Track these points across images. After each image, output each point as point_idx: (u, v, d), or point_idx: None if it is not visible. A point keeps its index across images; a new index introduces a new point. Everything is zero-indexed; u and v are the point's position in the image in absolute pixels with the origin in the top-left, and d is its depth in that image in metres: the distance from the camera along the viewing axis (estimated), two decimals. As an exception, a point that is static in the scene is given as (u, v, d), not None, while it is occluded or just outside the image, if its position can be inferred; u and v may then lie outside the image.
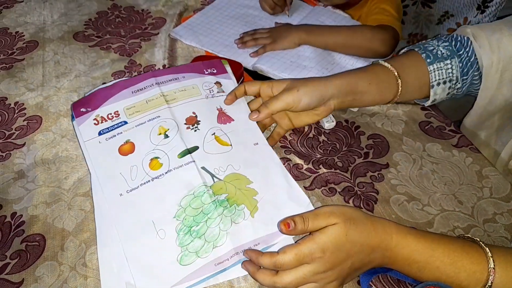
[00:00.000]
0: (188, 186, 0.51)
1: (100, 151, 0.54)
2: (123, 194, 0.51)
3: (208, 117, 0.58)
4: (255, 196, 0.52)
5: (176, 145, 0.54)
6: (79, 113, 0.56)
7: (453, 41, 0.63)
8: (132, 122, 0.56)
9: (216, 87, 0.61)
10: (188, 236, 0.48)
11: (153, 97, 0.58)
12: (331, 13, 0.86)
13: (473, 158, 0.61)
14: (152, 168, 0.53)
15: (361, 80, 0.59)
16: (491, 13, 1.00)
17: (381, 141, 0.63)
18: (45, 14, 0.92)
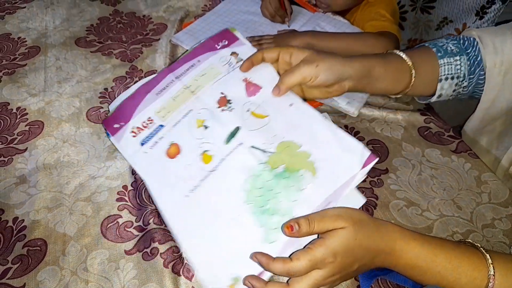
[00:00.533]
0: (245, 169, 0.50)
1: (149, 161, 0.52)
2: (189, 195, 0.49)
3: (237, 93, 0.56)
4: (309, 158, 0.51)
5: (219, 133, 0.53)
6: (114, 130, 0.54)
7: (461, 40, 0.63)
8: (169, 124, 0.54)
9: (234, 57, 0.59)
10: (264, 215, 0.47)
11: (178, 93, 0.56)
12: (331, 19, 0.87)
13: (472, 164, 0.61)
14: (205, 162, 0.51)
15: (378, 65, 0.58)
16: (489, 19, 1.01)
17: (381, 147, 0.64)
18: (47, 20, 0.93)
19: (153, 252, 0.51)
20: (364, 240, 0.42)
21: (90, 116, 0.69)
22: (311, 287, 0.41)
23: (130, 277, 0.49)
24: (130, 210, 0.56)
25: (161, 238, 0.52)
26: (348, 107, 0.69)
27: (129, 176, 0.60)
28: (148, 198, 0.57)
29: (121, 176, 0.60)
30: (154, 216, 0.54)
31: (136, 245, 0.52)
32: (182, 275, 0.49)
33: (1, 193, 0.58)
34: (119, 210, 0.56)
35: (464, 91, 0.63)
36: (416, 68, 0.60)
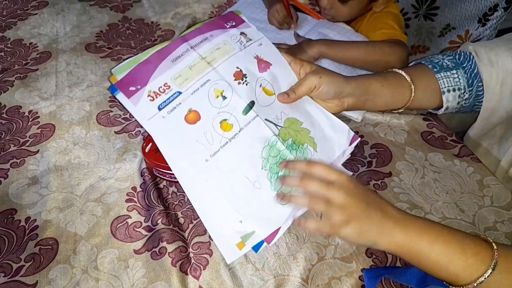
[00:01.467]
0: (262, 139, 0.54)
1: (167, 125, 0.52)
2: (208, 160, 0.51)
3: (251, 69, 0.58)
4: (310, 134, 0.57)
5: (237, 104, 0.55)
6: (130, 93, 0.52)
7: (456, 55, 0.66)
8: (187, 91, 0.54)
9: (243, 37, 0.60)
10: (278, 180, 0.53)
11: (194, 62, 0.56)
12: (335, 26, 0.89)
13: (474, 168, 0.62)
14: (225, 129, 0.53)
15: (374, 82, 0.62)
16: (492, 26, 1.02)
17: (384, 151, 0.65)
18: (58, 26, 0.95)
19: (161, 251, 0.52)
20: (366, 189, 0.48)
21: (100, 120, 0.71)
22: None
23: (139, 276, 0.50)
24: (139, 210, 0.57)
25: (169, 238, 0.53)
26: (352, 113, 0.70)
27: (138, 177, 0.61)
28: (156, 199, 0.58)
29: (130, 177, 0.61)
30: (162, 216, 0.56)
31: (145, 244, 0.53)
32: (190, 274, 0.50)
33: (14, 193, 0.60)
34: (129, 210, 0.57)
35: (466, 104, 0.65)
36: (415, 83, 0.63)
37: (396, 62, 0.76)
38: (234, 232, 0.50)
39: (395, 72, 0.64)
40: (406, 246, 0.45)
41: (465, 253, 0.44)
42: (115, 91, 0.52)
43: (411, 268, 0.49)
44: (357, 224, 0.45)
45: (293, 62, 0.60)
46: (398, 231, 0.45)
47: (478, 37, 1.06)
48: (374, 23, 0.87)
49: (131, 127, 0.70)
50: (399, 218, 0.46)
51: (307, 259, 0.51)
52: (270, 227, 0.50)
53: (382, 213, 0.46)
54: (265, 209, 0.51)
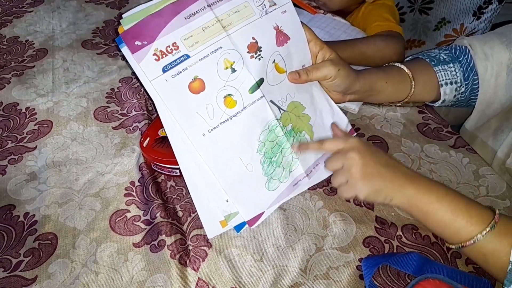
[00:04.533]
0: (263, 122, 0.53)
1: (170, 90, 0.49)
2: (206, 134, 0.50)
3: (268, 41, 0.55)
4: (310, 121, 0.58)
5: (245, 80, 0.52)
6: (135, 48, 0.48)
7: (452, 49, 0.67)
8: (195, 56, 0.50)
9: (267, 0, 0.56)
10: (270, 166, 0.54)
11: (208, 24, 0.52)
12: (331, 20, 0.89)
13: (470, 158, 0.63)
14: (228, 105, 0.51)
15: (380, 80, 0.63)
16: (486, 19, 1.03)
17: (381, 143, 0.65)
18: (54, 23, 0.95)
19: (160, 244, 0.53)
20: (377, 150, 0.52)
21: (98, 115, 0.71)
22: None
23: (138, 269, 0.50)
24: (137, 204, 0.57)
25: (168, 231, 0.54)
26: (349, 104, 0.70)
27: (136, 172, 0.61)
28: (155, 193, 0.59)
29: (128, 172, 0.62)
30: (161, 210, 0.56)
31: (144, 238, 0.54)
32: (189, 266, 0.51)
33: (13, 189, 0.60)
34: (127, 205, 0.57)
35: (462, 97, 0.66)
36: (416, 78, 0.64)
37: (392, 55, 0.77)
38: (220, 210, 0.52)
39: (397, 67, 0.65)
40: (417, 200, 0.48)
41: (470, 212, 0.46)
42: (121, 43, 0.48)
43: (409, 254, 0.50)
44: (373, 184, 0.49)
45: (314, 42, 0.58)
46: (410, 187, 0.48)
47: (473, 31, 1.06)
48: (369, 16, 0.88)
49: (128, 122, 0.70)
50: (410, 175, 0.49)
51: (305, 250, 0.52)
52: (253, 211, 0.53)
53: (394, 171, 0.49)
54: (252, 193, 0.53)
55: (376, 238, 0.53)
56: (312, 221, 0.55)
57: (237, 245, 0.52)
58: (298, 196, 0.57)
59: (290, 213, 0.56)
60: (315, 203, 0.57)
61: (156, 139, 0.61)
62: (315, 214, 0.56)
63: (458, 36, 1.09)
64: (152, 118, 0.71)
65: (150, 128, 0.63)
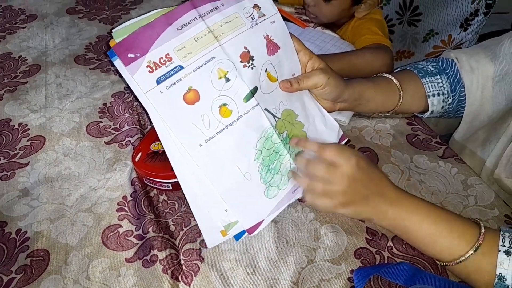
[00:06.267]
0: (259, 130, 0.53)
1: (164, 102, 0.49)
2: (202, 145, 0.50)
3: (259, 50, 0.55)
4: (303, 128, 0.58)
5: (240, 89, 0.53)
6: (128, 60, 0.48)
7: (439, 61, 0.69)
8: (189, 67, 0.50)
9: (256, 11, 0.57)
10: (269, 173, 0.54)
11: (200, 34, 0.52)
12: (321, 34, 0.91)
13: (458, 169, 0.64)
14: (223, 115, 0.51)
15: (368, 89, 0.64)
16: (473, 30, 1.05)
17: (371, 154, 0.66)
18: (47, 39, 0.96)
19: (153, 259, 0.53)
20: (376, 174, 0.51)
21: (90, 131, 0.72)
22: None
23: (131, 284, 0.50)
24: (130, 219, 0.58)
25: (160, 246, 0.54)
26: (339, 116, 0.71)
27: (128, 187, 0.62)
28: (147, 208, 0.59)
29: (121, 187, 0.62)
30: (153, 224, 0.56)
31: (136, 253, 0.54)
32: (181, 280, 0.51)
33: (4, 206, 0.60)
34: (119, 220, 0.58)
35: (449, 108, 0.67)
36: (404, 88, 0.66)
37: (381, 67, 0.78)
38: (219, 220, 0.52)
39: (386, 77, 0.67)
40: (397, 224, 0.50)
41: (452, 233, 0.48)
42: (113, 56, 0.48)
43: (400, 265, 0.50)
44: (354, 207, 0.50)
45: (303, 52, 0.59)
46: (391, 211, 0.50)
47: (461, 42, 1.08)
48: (358, 29, 0.90)
49: (121, 137, 0.70)
50: (394, 198, 0.50)
51: (297, 262, 0.52)
52: (253, 219, 0.53)
53: (379, 197, 0.50)
54: (252, 201, 0.53)
55: (367, 250, 0.53)
56: (303, 233, 0.55)
57: (229, 259, 0.53)
58: (289, 208, 0.58)
59: (282, 226, 0.56)
60: (306, 215, 0.57)
61: (148, 153, 0.61)
62: (306, 226, 0.56)
63: (447, 47, 1.11)
64: (144, 132, 0.71)
65: (142, 143, 0.63)
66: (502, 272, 0.45)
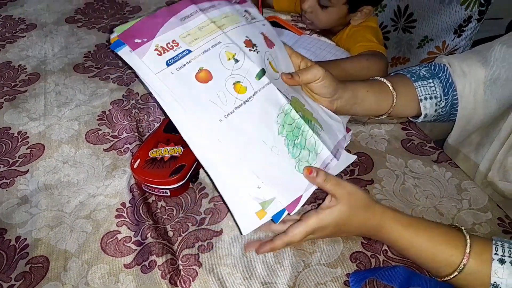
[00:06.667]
0: (277, 105, 0.52)
1: (177, 82, 0.48)
2: (223, 120, 0.49)
3: (259, 42, 0.56)
4: (313, 115, 0.57)
5: (250, 68, 0.52)
6: (135, 45, 0.48)
7: (432, 66, 0.70)
8: (196, 50, 0.50)
9: (248, 14, 0.59)
10: (296, 148, 0.52)
11: (203, 24, 0.53)
12: (317, 41, 0.92)
13: (452, 173, 0.64)
14: (239, 91, 0.51)
15: (361, 88, 0.65)
16: (467, 36, 1.06)
17: (366, 159, 0.67)
18: (46, 48, 0.97)
19: (151, 265, 0.53)
20: (356, 222, 0.51)
21: (89, 138, 0.73)
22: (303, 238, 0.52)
23: (129, 290, 0.51)
24: (128, 225, 0.58)
25: (158, 251, 0.54)
26: (335, 123, 0.72)
27: (127, 193, 0.62)
28: (145, 214, 0.59)
29: (120, 194, 0.63)
30: (152, 230, 0.57)
31: (135, 259, 0.54)
32: (179, 286, 0.51)
33: (4, 213, 0.60)
34: (118, 226, 0.58)
35: (443, 112, 0.68)
36: (396, 90, 0.66)
37: (375, 73, 0.79)
38: (252, 199, 0.48)
39: (378, 80, 0.68)
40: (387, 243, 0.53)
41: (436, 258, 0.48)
42: (118, 46, 0.48)
43: (395, 268, 0.51)
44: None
45: (295, 54, 0.61)
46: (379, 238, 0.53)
47: (455, 48, 1.10)
48: (353, 37, 0.91)
49: (119, 144, 0.71)
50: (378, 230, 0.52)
51: (293, 266, 0.53)
52: (291, 194, 0.50)
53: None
54: (285, 176, 0.50)
55: (363, 253, 0.54)
56: (300, 238, 0.56)
57: (227, 264, 0.53)
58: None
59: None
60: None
61: (146, 160, 0.62)
62: (303, 231, 0.57)
63: (441, 53, 1.12)
64: (142, 139, 0.72)
65: (141, 150, 0.64)
66: (497, 281, 0.45)
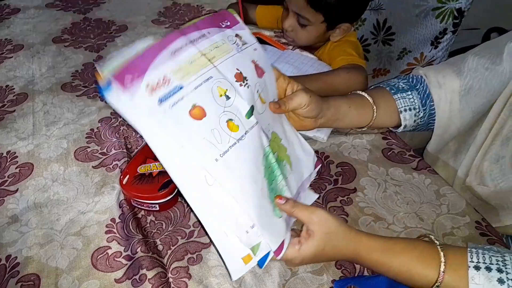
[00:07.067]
0: (262, 146, 0.53)
1: (171, 120, 0.47)
2: (218, 159, 0.48)
3: (250, 72, 0.56)
4: (287, 152, 0.58)
5: (240, 106, 0.52)
6: (125, 85, 0.46)
7: (410, 78, 0.74)
8: (189, 86, 0.49)
9: (239, 39, 0.57)
10: (271, 192, 0.53)
11: (194, 58, 0.51)
12: (299, 56, 0.95)
13: (431, 179, 0.67)
14: (232, 129, 0.50)
15: (343, 104, 0.68)
16: (443, 47, 1.11)
17: (349, 168, 0.70)
18: (33, 68, 0.99)
19: (142, 278, 0.54)
20: (330, 252, 0.50)
21: (78, 156, 0.74)
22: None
23: (120, 304, 0.52)
24: (118, 241, 0.59)
25: (148, 265, 0.55)
26: (318, 134, 0.75)
27: (116, 209, 0.63)
28: (135, 228, 0.61)
29: (109, 210, 0.64)
30: (142, 244, 0.58)
31: (126, 273, 0.55)
32: (170, 298, 0.52)
33: (-6, 233, 0.61)
34: (108, 241, 0.59)
35: (421, 122, 0.72)
36: (376, 103, 0.69)
37: (356, 85, 0.82)
38: (241, 243, 0.48)
39: (359, 94, 0.71)
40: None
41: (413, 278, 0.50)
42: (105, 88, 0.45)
43: (379, 276, 0.53)
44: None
45: (282, 77, 0.62)
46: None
47: (432, 59, 1.14)
48: (334, 51, 0.94)
49: (108, 161, 0.72)
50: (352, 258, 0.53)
51: (281, 275, 0.54)
52: (278, 238, 0.50)
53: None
54: (271, 219, 0.51)
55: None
56: (287, 247, 0.57)
57: (216, 275, 0.55)
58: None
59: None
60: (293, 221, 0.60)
61: (135, 176, 0.63)
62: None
63: (419, 64, 1.17)
64: (131, 155, 0.73)
65: (130, 166, 0.66)
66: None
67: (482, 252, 0.49)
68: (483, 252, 0.49)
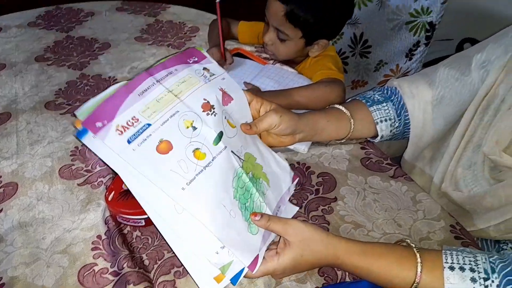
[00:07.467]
0: (231, 169, 0.56)
1: (139, 158, 0.51)
2: (185, 188, 0.51)
3: (217, 101, 0.59)
4: (263, 170, 0.62)
5: (207, 134, 0.55)
6: (97, 129, 0.50)
7: (384, 90, 0.77)
8: (156, 123, 0.53)
9: (206, 72, 0.61)
10: (246, 211, 0.56)
11: (161, 95, 0.55)
12: (280, 70, 0.98)
13: (408, 186, 0.70)
14: (198, 158, 0.53)
15: (321, 119, 0.70)
16: (417, 59, 1.16)
17: (329, 178, 0.72)
18: (16, 87, 0.99)
19: (129, 293, 0.55)
20: (310, 257, 0.53)
21: (63, 174, 0.74)
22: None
23: (108, 320, 0.52)
24: (104, 257, 0.60)
25: (135, 280, 0.56)
26: (299, 145, 0.77)
27: (102, 226, 0.64)
28: (121, 244, 0.61)
29: (95, 226, 0.64)
30: (128, 260, 0.59)
31: (112, 289, 0.56)
32: (157, 312, 0.53)
33: (-21, 254, 0.61)
34: (95, 258, 0.60)
35: (397, 131, 0.75)
36: (353, 116, 0.73)
37: (335, 98, 0.86)
38: (211, 265, 0.51)
39: (337, 108, 0.74)
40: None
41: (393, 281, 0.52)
42: (82, 134, 0.50)
43: (361, 281, 0.55)
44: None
45: (255, 100, 0.64)
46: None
47: (407, 70, 1.19)
48: (314, 66, 0.98)
49: (93, 178, 0.73)
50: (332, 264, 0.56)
51: (265, 284, 0.56)
52: (250, 254, 0.53)
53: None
54: (242, 238, 0.54)
55: (330, 268, 0.58)
56: (271, 257, 0.59)
57: (202, 287, 0.56)
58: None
59: (250, 251, 0.60)
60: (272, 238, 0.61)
61: (120, 192, 0.64)
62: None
63: (395, 75, 1.22)
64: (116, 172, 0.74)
65: (115, 182, 0.66)
66: (450, 287, 0.49)
67: (456, 253, 0.52)
68: (457, 253, 0.52)
